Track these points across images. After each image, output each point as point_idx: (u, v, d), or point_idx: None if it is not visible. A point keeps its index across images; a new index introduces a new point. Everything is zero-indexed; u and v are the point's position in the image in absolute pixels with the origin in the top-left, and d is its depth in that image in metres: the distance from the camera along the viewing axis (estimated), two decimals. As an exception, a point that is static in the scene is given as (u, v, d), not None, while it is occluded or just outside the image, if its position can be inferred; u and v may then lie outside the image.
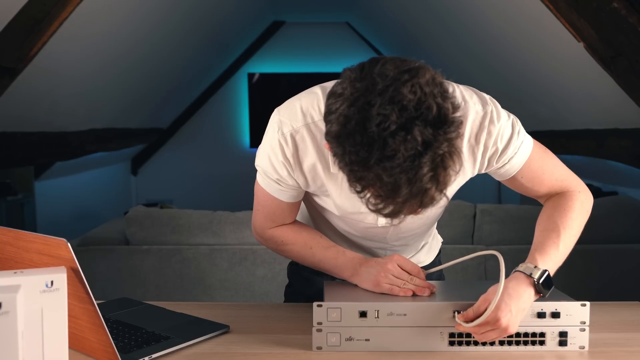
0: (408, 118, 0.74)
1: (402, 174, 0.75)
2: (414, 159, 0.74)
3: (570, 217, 1.08)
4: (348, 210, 1.10)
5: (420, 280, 1.04)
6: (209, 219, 2.55)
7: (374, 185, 0.78)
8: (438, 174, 0.76)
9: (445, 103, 0.77)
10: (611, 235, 2.46)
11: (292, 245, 1.18)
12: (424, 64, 0.81)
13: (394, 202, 0.79)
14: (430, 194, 0.78)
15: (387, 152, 0.74)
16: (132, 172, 6.75)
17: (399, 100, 0.75)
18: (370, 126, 0.75)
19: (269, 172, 1.07)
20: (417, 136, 0.74)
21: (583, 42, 2.26)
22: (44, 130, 3.57)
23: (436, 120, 0.75)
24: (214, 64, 6.24)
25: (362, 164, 0.77)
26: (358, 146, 0.76)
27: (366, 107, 0.75)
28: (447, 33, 4.30)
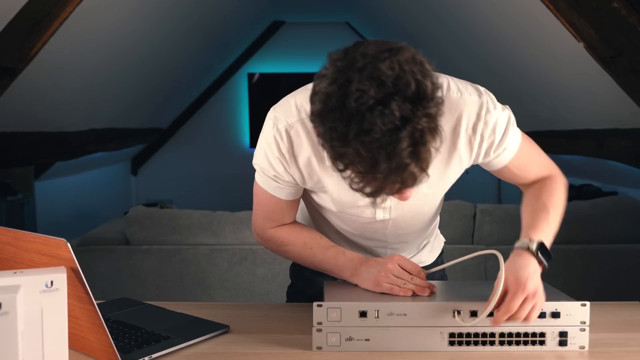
0: (386, 93, 0.75)
1: (381, 149, 0.76)
2: (392, 134, 0.75)
3: (556, 197, 1.11)
4: (345, 205, 1.10)
5: (421, 280, 1.04)
6: (209, 219, 2.55)
7: (354, 161, 0.78)
8: (417, 149, 0.77)
9: (425, 80, 0.77)
10: (611, 235, 2.46)
11: (291, 246, 1.18)
12: (407, 45, 0.82)
13: (374, 179, 0.79)
14: (410, 169, 0.78)
15: (364, 126, 0.75)
16: (132, 172, 6.75)
17: (378, 76, 0.75)
18: (349, 102, 0.76)
19: (266, 169, 1.08)
20: (395, 111, 0.74)
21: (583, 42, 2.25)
22: (44, 130, 3.57)
23: (415, 96, 0.76)
24: (214, 64, 6.24)
25: (341, 139, 0.77)
26: (337, 122, 0.77)
27: (346, 84, 0.77)
28: (447, 33, 4.30)
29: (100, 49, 3.41)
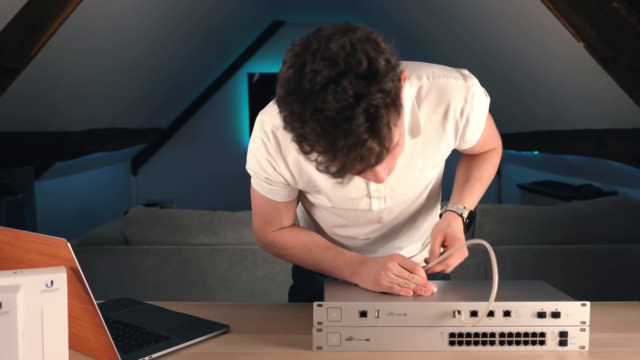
0: (338, 72, 0.76)
1: (337, 127, 0.77)
2: (346, 111, 0.76)
3: (492, 170, 1.26)
4: (340, 200, 1.12)
5: (421, 279, 1.04)
6: (209, 219, 2.55)
7: (314, 141, 0.79)
8: (374, 125, 0.77)
9: (378, 57, 0.78)
10: (611, 235, 2.46)
11: (291, 249, 1.20)
12: (364, 25, 0.84)
13: (336, 157, 0.80)
14: (368, 145, 0.78)
15: (318, 105, 0.76)
16: (132, 172, 6.75)
17: (330, 56, 0.77)
18: (304, 83, 0.77)
19: (258, 172, 1.11)
20: (348, 88, 0.75)
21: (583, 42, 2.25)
22: (44, 130, 3.57)
23: (367, 73, 0.77)
24: (214, 64, 6.24)
25: (299, 119, 0.79)
26: (295, 103, 0.78)
27: (302, 67, 0.78)
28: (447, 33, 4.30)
29: (100, 49, 3.41)
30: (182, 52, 4.79)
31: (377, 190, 1.11)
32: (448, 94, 1.03)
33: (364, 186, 1.11)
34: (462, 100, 1.04)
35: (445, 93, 1.03)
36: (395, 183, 1.11)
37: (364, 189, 1.11)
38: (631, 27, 1.95)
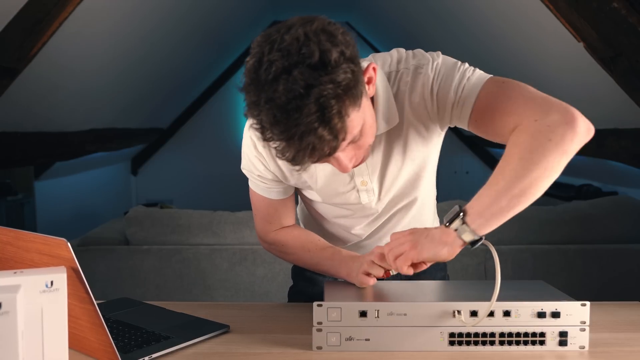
0: (291, 62, 0.79)
1: (289, 116, 0.79)
2: (297, 100, 0.78)
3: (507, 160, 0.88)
4: (329, 194, 1.14)
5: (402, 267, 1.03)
6: (209, 219, 2.55)
7: (270, 128, 0.82)
8: (325, 115, 0.80)
9: (332, 49, 0.80)
10: (611, 235, 2.47)
11: (291, 249, 1.22)
12: (326, 17, 0.87)
13: (289, 145, 0.83)
14: (319, 134, 0.81)
15: (270, 94, 0.80)
16: (132, 172, 6.75)
17: (284, 47, 0.80)
18: (261, 73, 0.81)
19: (251, 170, 1.14)
20: (298, 78, 0.78)
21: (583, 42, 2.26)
22: (44, 130, 3.57)
23: (319, 64, 0.79)
24: (214, 64, 6.24)
25: (255, 107, 0.82)
26: (252, 92, 0.82)
27: (260, 57, 0.82)
28: (447, 33, 4.30)
29: (100, 49, 3.41)
30: (182, 52, 4.79)
31: (364, 184, 1.11)
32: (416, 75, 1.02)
33: (350, 180, 1.11)
34: (425, 72, 1.01)
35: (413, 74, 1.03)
36: (381, 174, 1.11)
37: (351, 182, 1.12)
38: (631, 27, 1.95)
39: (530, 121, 0.88)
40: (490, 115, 0.95)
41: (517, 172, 0.85)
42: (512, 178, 0.86)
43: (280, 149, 0.85)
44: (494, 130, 0.96)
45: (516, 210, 0.87)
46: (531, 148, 0.86)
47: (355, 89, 0.83)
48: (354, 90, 0.83)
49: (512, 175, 0.86)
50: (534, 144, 0.86)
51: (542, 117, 0.88)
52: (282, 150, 0.84)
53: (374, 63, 0.95)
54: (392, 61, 1.06)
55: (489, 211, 0.87)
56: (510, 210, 0.87)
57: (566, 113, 0.88)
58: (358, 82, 0.84)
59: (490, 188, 0.88)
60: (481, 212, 0.88)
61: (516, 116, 0.91)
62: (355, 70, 0.83)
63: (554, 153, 0.85)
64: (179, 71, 5.24)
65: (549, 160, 0.85)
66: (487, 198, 0.87)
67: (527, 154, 0.85)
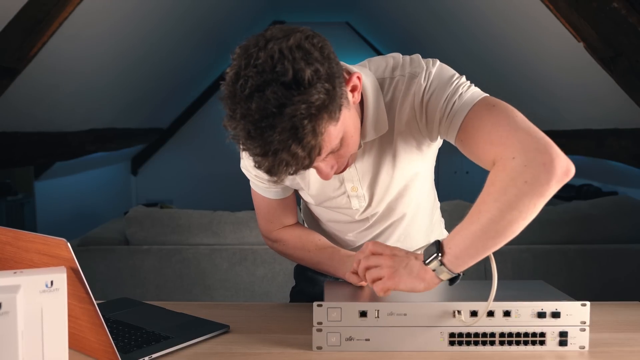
0: (264, 80, 0.79)
1: (262, 133, 0.80)
2: (269, 118, 0.79)
3: (492, 204, 0.86)
4: (321, 197, 1.15)
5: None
6: (209, 219, 2.55)
7: (245, 142, 0.83)
8: (298, 134, 0.80)
9: (306, 68, 0.80)
10: (611, 235, 2.46)
11: (292, 249, 1.23)
12: (307, 29, 0.86)
13: (264, 159, 0.83)
14: (292, 151, 0.81)
15: (244, 111, 0.80)
16: (132, 172, 6.75)
17: (259, 64, 0.80)
18: (237, 88, 0.81)
19: (249, 169, 1.15)
20: (271, 97, 0.78)
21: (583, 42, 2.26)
22: (44, 130, 3.57)
23: (291, 83, 0.79)
24: (214, 64, 6.24)
25: (231, 121, 0.83)
26: (228, 106, 0.83)
27: (238, 71, 0.82)
28: (447, 33, 4.30)
29: (100, 49, 3.41)
30: (182, 52, 4.79)
31: (354, 189, 1.11)
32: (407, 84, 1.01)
33: (340, 185, 1.12)
34: (416, 81, 1.00)
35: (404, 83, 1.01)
36: (372, 180, 1.11)
37: (341, 187, 1.12)
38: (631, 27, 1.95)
39: (509, 159, 0.86)
40: (474, 139, 0.94)
41: (493, 215, 0.85)
42: (488, 220, 0.86)
43: (257, 162, 0.85)
44: (476, 155, 0.96)
45: (492, 249, 0.89)
46: (507, 190, 0.85)
47: (331, 105, 0.83)
48: (329, 106, 0.83)
49: (488, 218, 0.86)
50: (510, 185, 0.85)
51: (520, 155, 0.86)
52: (259, 163, 0.85)
53: (359, 72, 0.94)
54: (387, 67, 1.05)
55: (466, 252, 0.89)
56: (487, 251, 0.89)
57: (545, 153, 0.85)
58: (334, 99, 0.83)
59: (467, 229, 0.88)
60: (458, 254, 0.89)
61: (497, 147, 0.90)
62: (330, 89, 0.82)
63: (529, 195, 0.84)
64: (179, 71, 5.24)
65: (525, 203, 0.84)
66: (464, 240, 0.88)
67: (503, 196, 0.85)
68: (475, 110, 0.95)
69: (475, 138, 0.94)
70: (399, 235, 1.22)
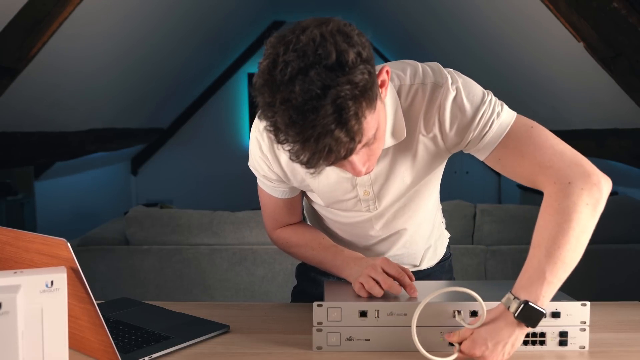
0: (307, 63, 0.77)
1: (305, 117, 0.78)
2: (313, 101, 0.77)
3: (568, 234, 0.91)
4: (330, 200, 1.14)
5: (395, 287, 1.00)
6: (209, 219, 2.55)
7: (285, 130, 0.80)
8: (342, 116, 0.78)
9: (349, 49, 0.79)
10: (611, 235, 2.46)
11: (296, 247, 1.23)
12: (341, 19, 0.85)
13: (304, 147, 0.81)
14: (336, 135, 0.79)
15: (286, 95, 0.78)
16: (132, 172, 6.75)
17: (300, 48, 0.78)
18: (276, 74, 0.79)
19: (257, 169, 1.15)
20: (315, 79, 0.77)
21: (583, 42, 2.26)
22: (44, 130, 3.57)
23: (336, 65, 0.78)
24: (214, 64, 6.24)
25: (270, 109, 0.80)
26: (267, 93, 0.80)
27: (275, 58, 0.80)
28: (447, 33, 4.30)
29: (100, 49, 3.41)
30: (182, 51, 4.79)
31: (366, 194, 1.11)
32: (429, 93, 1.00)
33: (352, 188, 1.11)
34: (440, 94, 0.99)
35: (425, 92, 1.00)
36: (383, 186, 1.11)
37: (353, 191, 1.12)
38: (631, 27, 1.95)
39: (565, 184, 0.93)
40: (517, 158, 0.98)
41: (571, 245, 0.92)
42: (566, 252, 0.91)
43: (295, 151, 0.83)
44: (518, 174, 1.00)
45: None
46: (574, 217, 0.91)
47: (371, 90, 0.81)
48: (370, 92, 0.81)
49: (566, 249, 0.91)
50: (575, 211, 0.92)
51: (575, 179, 0.93)
52: (297, 152, 0.82)
53: (388, 67, 0.92)
54: (404, 74, 1.03)
55: (548, 297, 0.91)
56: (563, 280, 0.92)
57: (593, 174, 0.94)
58: (374, 84, 0.82)
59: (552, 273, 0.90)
60: (548, 299, 0.91)
61: (547, 170, 0.95)
62: (372, 72, 0.82)
63: (593, 217, 0.94)
64: (179, 71, 5.24)
65: (591, 224, 0.94)
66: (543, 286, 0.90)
67: (573, 223, 0.91)
68: (515, 130, 0.98)
69: (518, 158, 0.98)
70: (404, 242, 1.22)
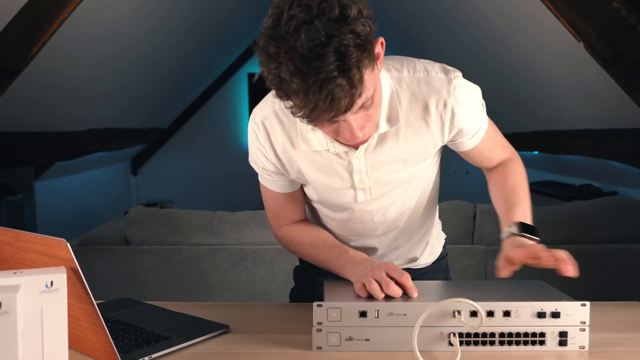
0: (312, 15, 0.82)
1: (309, 63, 0.81)
2: (317, 48, 0.81)
3: (520, 177, 1.21)
4: (325, 190, 1.15)
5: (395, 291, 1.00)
6: (209, 219, 2.55)
7: (288, 80, 0.83)
8: (344, 63, 0.82)
9: (351, 5, 0.83)
10: (611, 235, 2.46)
11: (300, 245, 1.23)
12: None
13: (307, 96, 0.83)
14: (338, 82, 0.82)
15: (291, 43, 0.81)
16: (132, 172, 6.75)
17: (305, 3, 0.83)
18: (281, 27, 0.83)
19: (256, 162, 1.17)
20: (320, 28, 0.81)
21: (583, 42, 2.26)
22: (44, 130, 3.57)
23: (339, 17, 0.82)
24: (214, 64, 6.24)
25: (275, 60, 0.83)
26: (271, 46, 0.84)
27: (280, 14, 0.84)
28: (447, 33, 4.30)
29: (100, 49, 3.41)
30: (182, 52, 4.79)
31: (361, 182, 1.12)
32: (428, 88, 1.05)
33: (348, 177, 1.12)
34: (445, 93, 1.05)
35: (425, 86, 1.05)
36: (378, 174, 1.12)
37: (348, 179, 1.13)
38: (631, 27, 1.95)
39: (515, 156, 1.26)
40: (491, 149, 1.20)
41: (527, 189, 1.21)
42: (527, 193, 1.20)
43: (298, 103, 0.86)
44: (489, 159, 1.22)
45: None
46: (524, 174, 1.23)
47: (371, 46, 0.86)
48: (370, 47, 0.85)
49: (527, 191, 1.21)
50: (523, 171, 1.24)
51: (515, 154, 1.26)
52: (300, 103, 0.85)
53: (382, 38, 0.95)
54: (401, 65, 1.07)
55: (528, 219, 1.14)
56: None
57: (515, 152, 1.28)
58: (373, 41, 0.86)
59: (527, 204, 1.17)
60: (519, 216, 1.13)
61: (506, 150, 1.24)
62: (372, 27, 0.86)
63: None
64: (179, 71, 5.24)
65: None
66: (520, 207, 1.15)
67: (525, 179, 1.23)
68: (489, 127, 1.17)
69: (493, 148, 1.21)
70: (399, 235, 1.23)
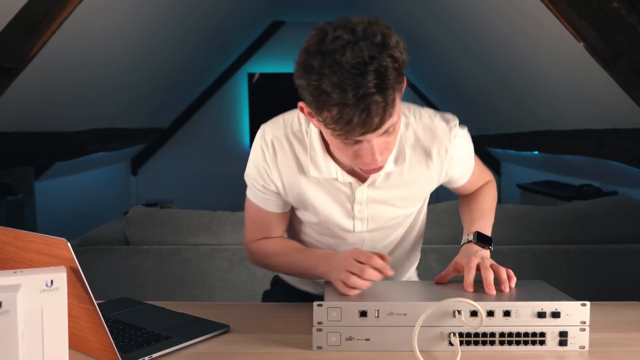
0: (357, 37, 0.90)
1: (351, 79, 0.88)
2: (360, 66, 0.88)
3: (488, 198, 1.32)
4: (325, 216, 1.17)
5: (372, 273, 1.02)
6: (209, 219, 2.55)
7: (329, 92, 0.89)
8: (382, 83, 0.89)
9: (391, 35, 0.92)
10: (611, 235, 2.46)
11: (272, 257, 1.24)
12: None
13: (344, 109, 0.89)
14: (375, 99, 0.89)
15: (337, 59, 0.88)
16: (132, 172, 6.75)
17: (350, 27, 0.92)
18: (326, 45, 0.90)
19: (255, 179, 1.17)
20: (364, 49, 0.89)
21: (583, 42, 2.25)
22: (44, 130, 3.57)
23: (381, 42, 0.90)
24: (214, 64, 6.24)
25: (317, 73, 0.90)
26: (315, 60, 0.90)
27: (324, 35, 0.92)
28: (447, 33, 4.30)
29: (100, 49, 3.41)
30: (182, 52, 4.79)
31: (361, 212, 1.16)
32: (432, 135, 1.13)
33: (350, 206, 1.16)
34: (447, 140, 1.14)
35: (429, 133, 1.13)
36: (377, 208, 1.16)
37: (349, 209, 1.16)
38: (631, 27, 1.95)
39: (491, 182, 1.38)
40: (474, 182, 1.31)
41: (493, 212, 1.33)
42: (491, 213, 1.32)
43: (334, 115, 0.90)
44: (472, 189, 1.33)
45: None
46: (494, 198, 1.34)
47: (402, 74, 0.93)
48: (402, 74, 0.92)
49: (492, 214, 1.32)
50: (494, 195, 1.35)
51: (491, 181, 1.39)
52: (336, 115, 0.90)
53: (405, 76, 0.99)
54: (408, 110, 1.15)
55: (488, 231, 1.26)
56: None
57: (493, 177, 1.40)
58: (404, 70, 0.93)
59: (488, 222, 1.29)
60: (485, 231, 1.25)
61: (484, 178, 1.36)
62: (407, 58, 0.93)
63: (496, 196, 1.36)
64: (179, 71, 5.24)
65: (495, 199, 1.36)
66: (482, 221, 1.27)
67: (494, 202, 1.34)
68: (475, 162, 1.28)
69: (476, 180, 1.32)
70: None
